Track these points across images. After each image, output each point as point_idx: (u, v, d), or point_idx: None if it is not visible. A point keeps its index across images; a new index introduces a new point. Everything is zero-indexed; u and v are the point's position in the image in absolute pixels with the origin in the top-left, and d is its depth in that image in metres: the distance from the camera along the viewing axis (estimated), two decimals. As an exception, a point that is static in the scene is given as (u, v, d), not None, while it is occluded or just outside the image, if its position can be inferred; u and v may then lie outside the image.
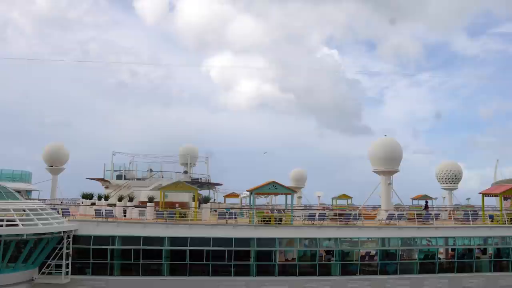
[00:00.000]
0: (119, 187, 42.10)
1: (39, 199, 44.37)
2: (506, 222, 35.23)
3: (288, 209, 35.41)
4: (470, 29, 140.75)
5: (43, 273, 28.24)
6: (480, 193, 40.12)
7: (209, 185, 53.27)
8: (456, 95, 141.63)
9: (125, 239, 30.09)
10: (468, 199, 62.99)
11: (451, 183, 58.48)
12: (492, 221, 35.84)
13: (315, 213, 34.45)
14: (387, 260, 32.33)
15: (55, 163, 54.64)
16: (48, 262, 28.27)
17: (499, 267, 33.81)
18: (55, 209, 31.58)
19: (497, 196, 39.12)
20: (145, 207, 34.00)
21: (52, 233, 27.31)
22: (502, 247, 34.12)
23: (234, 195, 62.40)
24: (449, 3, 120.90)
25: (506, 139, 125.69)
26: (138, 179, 44.59)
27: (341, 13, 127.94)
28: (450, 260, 33.75)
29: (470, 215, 35.92)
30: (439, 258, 33.51)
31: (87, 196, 39.04)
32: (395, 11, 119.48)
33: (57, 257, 28.40)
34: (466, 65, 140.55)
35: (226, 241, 30.52)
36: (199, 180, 50.84)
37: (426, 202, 47.80)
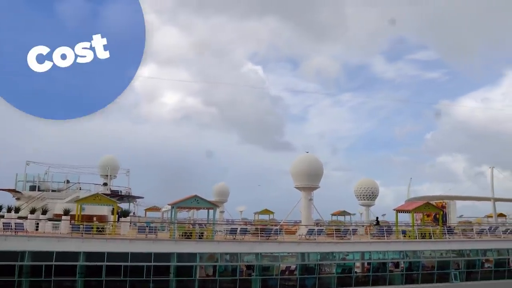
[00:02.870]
0: (32, 199, 39.66)
1: None
2: (417, 237, 37.25)
3: (210, 223, 35.11)
4: (387, 54, 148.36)
5: None
6: (394, 210, 42.20)
7: (130, 198, 51.70)
8: (374, 116, 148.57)
9: (36, 255, 28.22)
10: (384, 215, 65.80)
11: (368, 200, 60.91)
12: (404, 236, 37.71)
13: (237, 228, 34.43)
14: (306, 275, 32.89)
15: (-41, 172, 50.54)
16: None
17: (410, 279, 35.55)
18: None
19: (409, 212, 41.20)
20: (60, 221, 32.28)
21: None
22: (413, 260, 35.97)
23: (156, 208, 61.10)
24: (366, 27, 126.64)
25: (418, 158, 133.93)
26: (53, 191, 42.18)
27: (265, 30, 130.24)
28: (366, 274, 35.03)
29: (385, 230, 37.56)
30: (356, 272, 34.67)
31: (-6, 208, 36.45)
32: (316, 30, 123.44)
33: (-43, 275, 26.22)
34: (384, 87, 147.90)
35: (145, 256, 29.54)
36: (119, 193, 49.20)
37: (377, 218, 49.98)
